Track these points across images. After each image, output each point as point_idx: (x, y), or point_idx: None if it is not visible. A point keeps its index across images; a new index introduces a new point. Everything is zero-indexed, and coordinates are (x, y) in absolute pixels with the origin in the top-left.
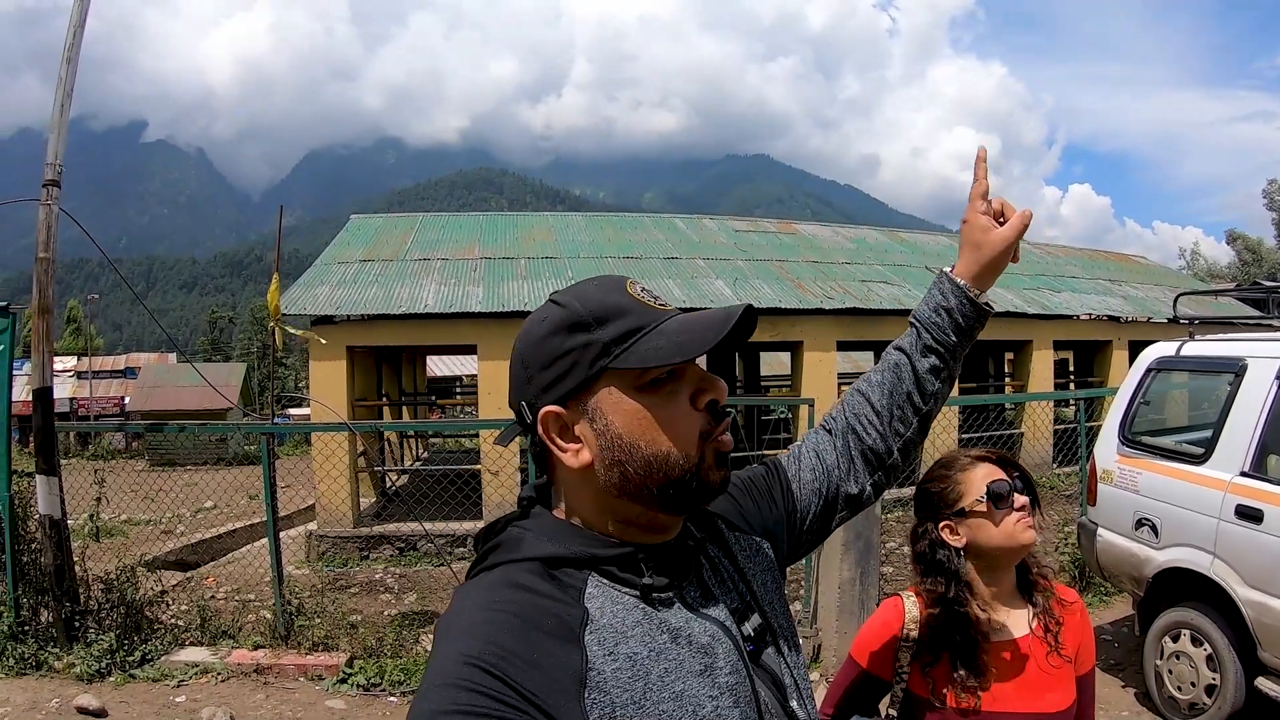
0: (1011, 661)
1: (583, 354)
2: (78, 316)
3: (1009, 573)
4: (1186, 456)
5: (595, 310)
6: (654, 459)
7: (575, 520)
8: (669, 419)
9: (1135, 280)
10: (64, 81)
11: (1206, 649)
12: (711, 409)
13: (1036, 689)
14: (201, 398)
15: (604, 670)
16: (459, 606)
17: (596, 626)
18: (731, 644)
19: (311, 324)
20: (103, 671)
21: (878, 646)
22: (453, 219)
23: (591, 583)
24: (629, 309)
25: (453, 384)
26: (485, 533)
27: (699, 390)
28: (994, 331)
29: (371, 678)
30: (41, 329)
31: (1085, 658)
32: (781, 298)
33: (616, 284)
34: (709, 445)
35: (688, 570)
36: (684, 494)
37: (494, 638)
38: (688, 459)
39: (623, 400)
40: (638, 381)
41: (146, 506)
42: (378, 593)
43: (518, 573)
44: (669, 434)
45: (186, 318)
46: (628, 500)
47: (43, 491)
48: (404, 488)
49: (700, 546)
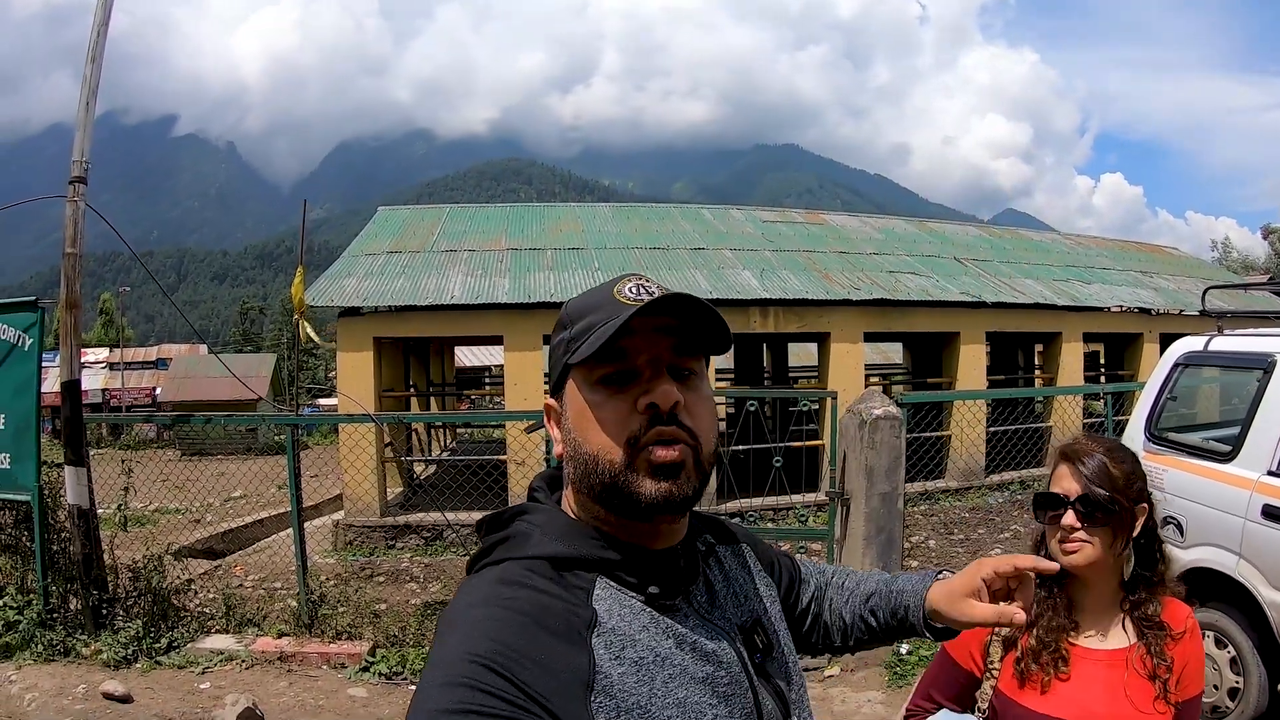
0: (1100, 671)
1: (561, 351)
2: (110, 309)
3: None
4: (1213, 454)
5: (574, 309)
6: (588, 457)
7: (569, 511)
8: (603, 418)
9: (1167, 272)
10: (89, 80)
11: (1230, 651)
12: (654, 415)
13: (1123, 707)
14: (232, 388)
15: (610, 674)
16: (465, 601)
17: (604, 629)
18: (736, 653)
19: (339, 315)
20: (129, 658)
21: (967, 637)
22: (480, 210)
23: (600, 585)
24: (597, 306)
25: (482, 375)
26: (490, 523)
27: (643, 392)
28: (1023, 323)
29: (394, 666)
30: (70, 323)
31: (1190, 684)
32: (809, 288)
33: (611, 282)
34: (638, 452)
35: (695, 576)
36: (615, 499)
37: (501, 636)
38: (614, 461)
39: (575, 396)
40: (590, 378)
41: (176, 496)
42: (403, 582)
43: (525, 570)
44: (600, 433)
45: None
46: (586, 498)
47: (71, 482)
48: (431, 478)
49: (711, 552)
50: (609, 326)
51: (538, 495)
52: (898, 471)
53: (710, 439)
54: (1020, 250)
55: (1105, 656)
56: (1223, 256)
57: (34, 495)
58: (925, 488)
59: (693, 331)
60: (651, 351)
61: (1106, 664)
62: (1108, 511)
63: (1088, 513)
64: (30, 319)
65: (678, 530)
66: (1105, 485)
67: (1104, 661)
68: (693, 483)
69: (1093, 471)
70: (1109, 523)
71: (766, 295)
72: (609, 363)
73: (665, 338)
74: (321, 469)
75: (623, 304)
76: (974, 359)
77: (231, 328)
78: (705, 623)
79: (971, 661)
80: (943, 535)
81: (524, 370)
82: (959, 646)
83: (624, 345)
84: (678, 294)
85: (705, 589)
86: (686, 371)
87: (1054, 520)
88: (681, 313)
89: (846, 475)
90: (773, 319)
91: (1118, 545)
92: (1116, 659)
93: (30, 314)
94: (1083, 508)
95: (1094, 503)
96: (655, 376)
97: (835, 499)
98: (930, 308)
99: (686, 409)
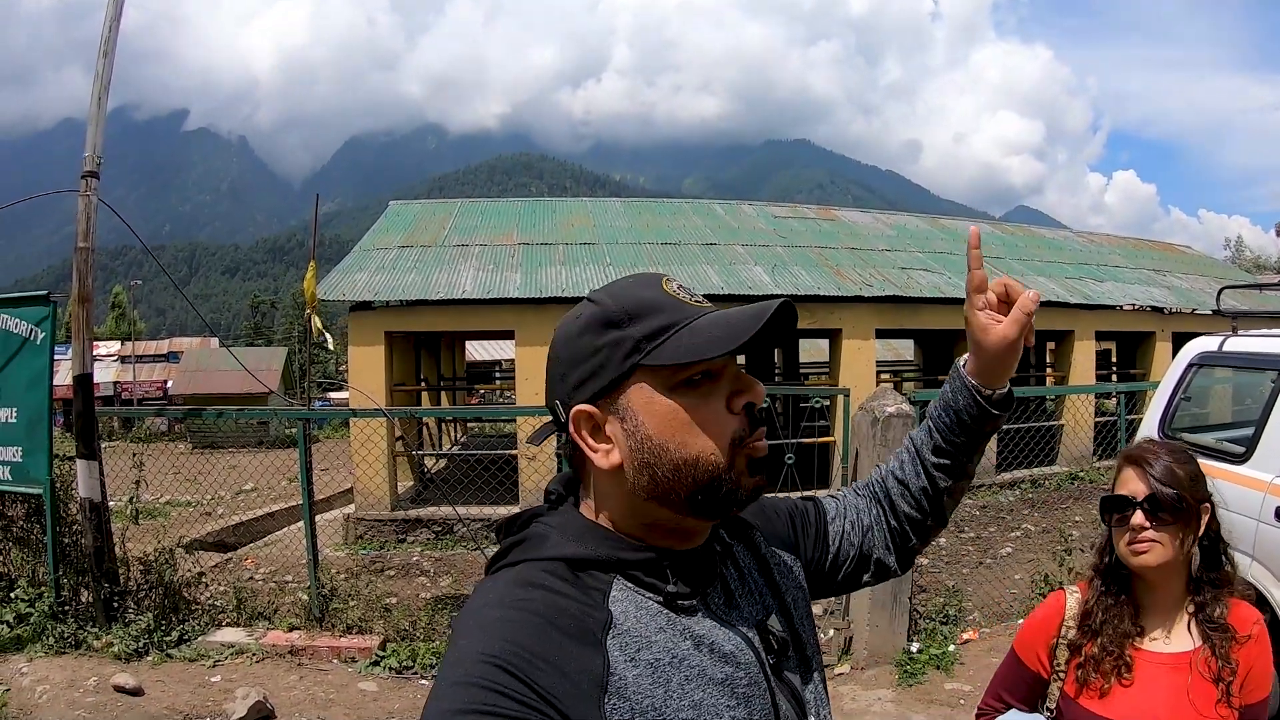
0: (1163, 674)
1: (614, 351)
2: (122, 302)
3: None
4: (1227, 455)
5: (629, 306)
6: (684, 462)
7: (603, 519)
8: (702, 420)
9: (1180, 270)
10: (101, 75)
11: None
12: (748, 413)
13: (1186, 711)
14: (243, 382)
15: (625, 676)
16: (480, 602)
17: (619, 631)
18: (754, 655)
19: (350, 309)
20: (140, 651)
21: (1034, 640)
22: (491, 205)
23: (616, 586)
24: (663, 305)
25: (492, 369)
26: (507, 525)
27: (735, 392)
28: (1036, 321)
29: (404, 660)
30: (81, 317)
31: (1256, 687)
32: (820, 285)
33: (652, 280)
34: (742, 451)
35: (713, 576)
36: (713, 500)
37: (515, 637)
38: (719, 464)
39: (654, 399)
40: (670, 380)
41: (188, 488)
42: (414, 576)
43: (541, 571)
44: (700, 436)
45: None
46: (656, 504)
47: (83, 475)
48: (441, 472)
49: (728, 552)
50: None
51: (554, 499)
52: None
53: None
54: (1033, 248)
55: (1169, 660)
56: (1235, 255)
57: (46, 488)
58: None
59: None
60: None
61: (1170, 667)
62: (1175, 510)
63: (1155, 512)
64: (42, 313)
65: (708, 529)
66: (1172, 484)
67: (1168, 665)
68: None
69: (1159, 472)
70: (1176, 521)
71: (778, 291)
72: (690, 365)
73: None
74: (333, 462)
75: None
76: None
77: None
78: (723, 623)
79: (1039, 663)
80: (953, 533)
81: (535, 365)
82: (1026, 649)
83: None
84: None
85: (722, 590)
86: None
87: (1121, 522)
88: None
89: (858, 473)
90: None
91: (1185, 544)
92: (1180, 662)
93: (42, 308)
94: (1150, 507)
95: (1161, 502)
96: (737, 375)
97: None
98: (942, 305)
99: None
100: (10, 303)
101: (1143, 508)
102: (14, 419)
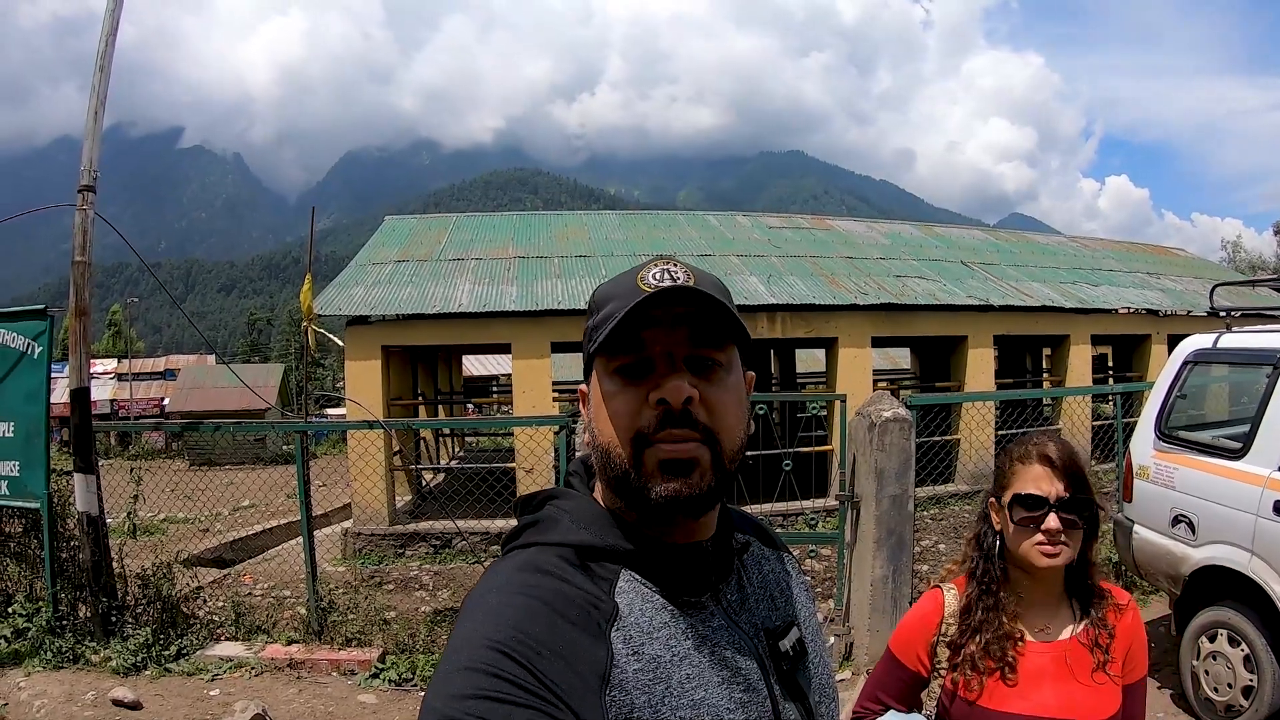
0: (1047, 664)
1: (586, 338)
2: (118, 320)
3: (1054, 578)
4: (1224, 451)
5: (600, 295)
6: (601, 449)
7: (608, 502)
8: (615, 410)
9: (1174, 273)
10: (97, 90)
11: (1244, 649)
12: (666, 412)
13: (1073, 696)
14: (240, 398)
15: (626, 669)
16: (488, 586)
17: (624, 624)
18: (757, 658)
19: (347, 324)
20: (138, 665)
21: (913, 639)
22: (487, 219)
23: (624, 578)
24: (617, 294)
25: (489, 383)
26: (524, 504)
27: (654, 386)
28: (1031, 326)
29: (403, 673)
30: (79, 331)
31: (1135, 666)
32: (815, 294)
33: (637, 268)
34: (651, 449)
35: (727, 572)
36: (626, 494)
37: (521, 624)
38: (623, 456)
39: (596, 386)
40: (607, 367)
41: (185, 505)
42: (412, 589)
43: (551, 557)
44: (610, 425)
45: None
46: (607, 489)
47: (80, 489)
48: (439, 486)
49: (746, 548)
50: (621, 315)
51: (573, 481)
52: (908, 474)
53: (733, 434)
54: (1027, 253)
55: (1051, 649)
56: (1231, 257)
57: (43, 503)
58: (934, 491)
59: (712, 321)
60: (667, 343)
61: (1053, 656)
62: (1089, 514)
63: (1069, 515)
64: (39, 327)
65: (702, 526)
66: (1084, 489)
67: (1050, 654)
68: (708, 480)
69: (1075, 475)
70: (1085, 525)
71: (773, 301)
72: (625, 353)
73: (683, 327)
74: (330, 478)
75: (642, 290)
76: (982, 363)
77: (239, 338)
78: (730, 624)
79: (918, 663)
80: (952, 539)
81: (532, 378)
82: (905, 648)
83: (643, 335)
84: (685, 287)
85: (737, 587)
86: (710, 362)
87: (1029, 522)
88: (696, 301)
89: (856, 478)
90: (780, 324)
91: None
92: (1060, 649)
93: (39, 322)
94: (1065, 510)
95: (1077, 505)
96: (670, 370)
97: (845, 502)
98: (937, 312)
99: (705, 403)
100: (7, 317)
101: (1057, 510)
102: (11, 433)
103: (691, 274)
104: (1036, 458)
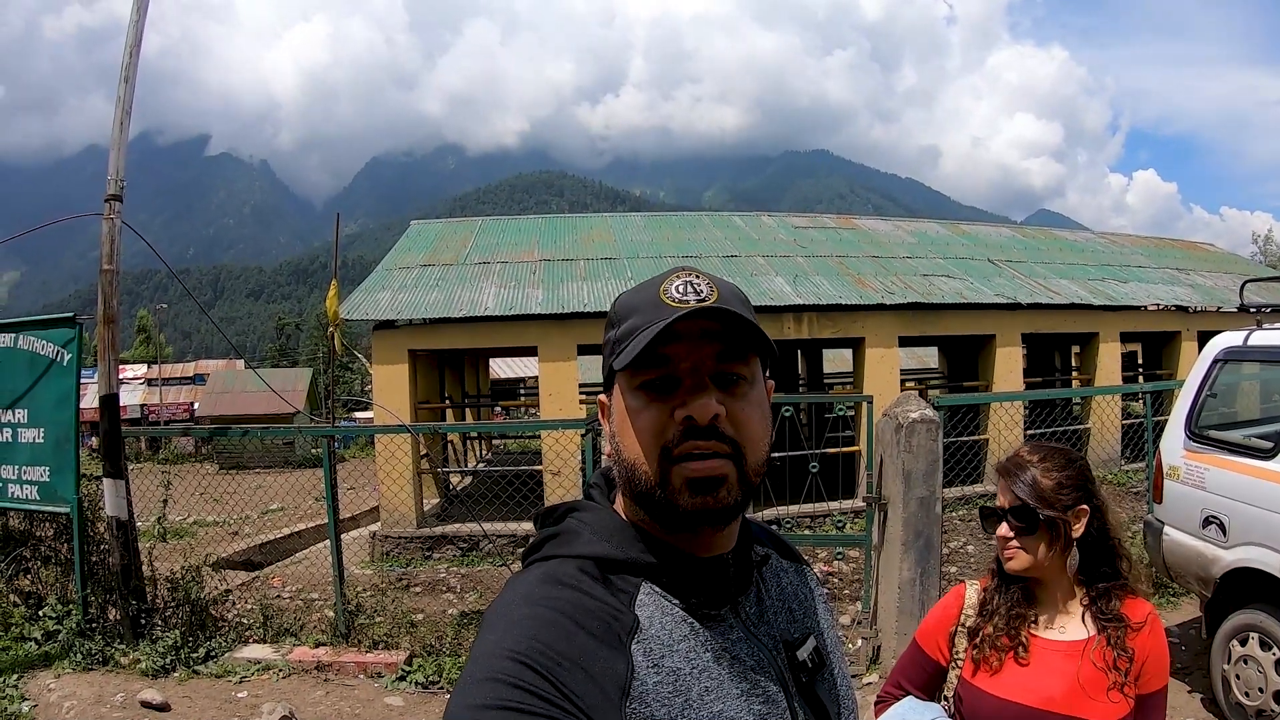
0: (1058, 661)
1: (608, 351)
2: (148, 326)
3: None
4: (1255, 451)
5: (621, 307)
6: (626, 465)
7: (629, 514)
8: (640, 427)
9: (1204, 269)
10: (123, 100)
11: (1276, 653)
12: (690, 428)
13: (1078, 695)
14: (269, 402)
15: (646, 682)
16: (509, 598)
17: (645, 636)
18: (776, 670)
19: (374, 328)
20: (167, 668)
21: (935, 628)
22: (512, 222)
23: (644, 590)
24: (641, 307)
25: (517, 386)
26: (544, 517)
27: (680, 403)
28: (1060, 324)
29: (430, 675)
30: (107, 338)
31: (1152, 678)
32: (842, 294)
33: (658, 280)
34: (676, 465)
35: (747, 584)
36: (654, 509)
37: (542, 635)
38: (649, 473)
39: (619, 399)
40: (632, 382)
41: (215, 508)
42: (440, 592)
43: (572, 569)
44: (635, 442)
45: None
46: (630, 501)
47: (110, 494)
48: (467, 489)
49: (765, 561)
50: (648, 333)
51: (593, 493)
52: (935, 475)
53: (759, 449)
54: (1054, 250)
55: (1064, 647)
56: (1262, 251)
57: (73, 507)
58: (963, 492)
59: (739, 336)
60: (693, 358)
61: (1064, 654)
62: (1032, 522)
63: (1020, 523)
64: (69, 334)
65: (725, 539)
66: (1032, 498)
67: (1061, 651)
68: (734, 495)
69: (1021, 485)
70: (1034, 532)
71: (800, 301)
72: (650, 369)
73: (710, 344)
74: (358, 481)
75: (666, 305)
76: (1010, 361)
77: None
78: (749, 636)
79: (938, 651)
80: (981, 540)
81: (559, 381)
82: (928, 637)
83: (666, 351)
84: (715, 307)
85: (755, 600)
86: (735, 377)
87: (991, 529)
88: (722, 319)
89: (884, 480)
90: (806, 325)
91: (1055, 550)
92: (1074, 650)
93: (69, 330)
94: (1015, 519)
95: (1023, 514)
96: (696, 386)
97: (872, 504)
98: (965, 310)
99: (731, 418)
100: (37, 325)
101: (1007, 519)
102: (42, 439)
103: (715, 288)
104: (999, 472)
